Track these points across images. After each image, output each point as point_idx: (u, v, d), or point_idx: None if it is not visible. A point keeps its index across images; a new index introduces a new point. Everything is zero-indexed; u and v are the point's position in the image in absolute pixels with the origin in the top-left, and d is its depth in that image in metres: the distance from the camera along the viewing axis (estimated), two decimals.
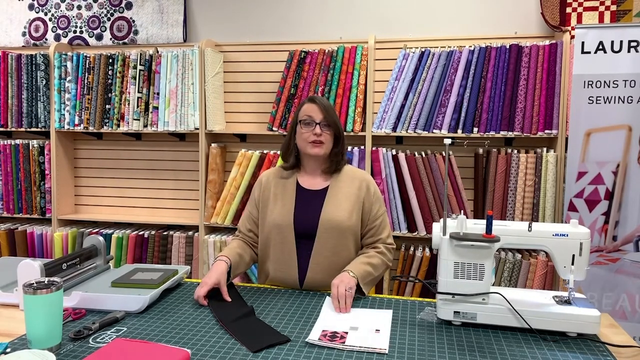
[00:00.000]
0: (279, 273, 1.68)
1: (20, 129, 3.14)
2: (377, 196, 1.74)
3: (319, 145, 1.66)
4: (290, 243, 1.66)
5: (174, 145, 3.19)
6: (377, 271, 1.63)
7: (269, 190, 1.74)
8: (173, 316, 1.37)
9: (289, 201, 1.69)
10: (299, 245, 1.66)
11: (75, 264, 1.58)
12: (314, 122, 1.65)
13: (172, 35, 3.16)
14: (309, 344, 1.18)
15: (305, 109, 1.68)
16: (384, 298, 1.53)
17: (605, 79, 2.39)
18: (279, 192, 1.72)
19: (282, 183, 1.74)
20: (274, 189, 1.74)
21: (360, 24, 2.95)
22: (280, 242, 1.67)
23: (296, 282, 1.66)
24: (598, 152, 2.41)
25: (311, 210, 1.66)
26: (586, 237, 1.30)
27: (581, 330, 1.26)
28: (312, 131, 1.65)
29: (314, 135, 1.65)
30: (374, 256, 1.65)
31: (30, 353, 1.04)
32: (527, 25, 2.77)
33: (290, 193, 1.71)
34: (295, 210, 1.67)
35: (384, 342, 1.21)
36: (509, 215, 2.64)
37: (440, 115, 2.67)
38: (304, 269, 1.65)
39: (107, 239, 3.00)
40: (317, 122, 1.65)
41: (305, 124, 1.67)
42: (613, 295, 2.42)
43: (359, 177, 1.74)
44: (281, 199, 1.71)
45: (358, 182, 1.72)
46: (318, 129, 1.65)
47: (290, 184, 1.73)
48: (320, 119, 1.66)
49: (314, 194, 1.70)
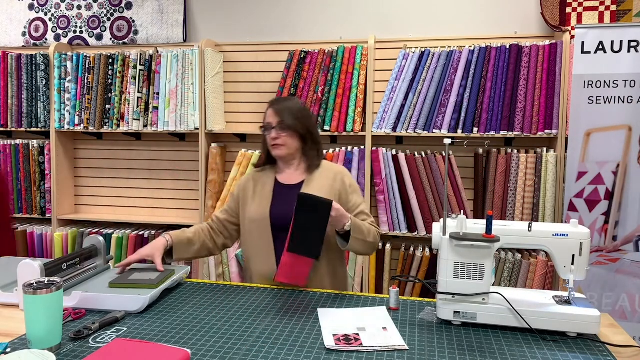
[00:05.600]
0: (259, 267, 1.74)
1: (20, 129, 3.14)
2: (353, 187, 1.80)
3: (279, 147, 1.75)
4: (267, 237, 1.72)
5: (174, 145, 3.19)
6: (365, 236, 1.64)
7: (249, 189, 1.83)
8: (173, 316, 1.37)
9: (266, 196, 1.77)
10: (277, 239, 1.71)
11: (75, 264, 1.58)
12: (271, 126, 1.75)
13: (172, 35, 3.16)
14: (328, 350, 1.17)
15: (266, 114, 1.80)
16: (384, 298, 1.53)
17: (605, 79, 2.39)
18: (258, 189, 1.81)
19: (261, 181, 1.83)
20: (254, 188, 1.83)
21: (360, 24, 2.95)
22: (259, 237, 1.74)
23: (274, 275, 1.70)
24: (598, 152, 2.41)
25: (287, 204, 1.72)
26: (586, 237, 1.30)
27: (581, 330, 1.26)
28: (270, 135, 1.75)
29: (271, 140, 1.75)
30: (367, 223, 1.70)
31: (30, 353, 1.04)
32: (527, 25, 2.77)
33: (268, 189, 1.79)
34: (271, 205, 1.75)
35: (399, 339, 1.22)
36: (509, 215, 2.64)
37: (440, 115, 2.67)
38: None
39: (107, 239, 3.00)
40: (273, 126, 1.74)
41: (265, 129, 1.78)
42: (613, 295, 2.42)
43: (334, 170, 1.81)
44: (259, 196, 1.79)
45: (333, 175, 1.79)
46: (274, 133, 1.74)
47: (269, 181, 1.82)
48: (275, 123, 1.74)
49: (290, 188, 1.78)
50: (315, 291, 1.61)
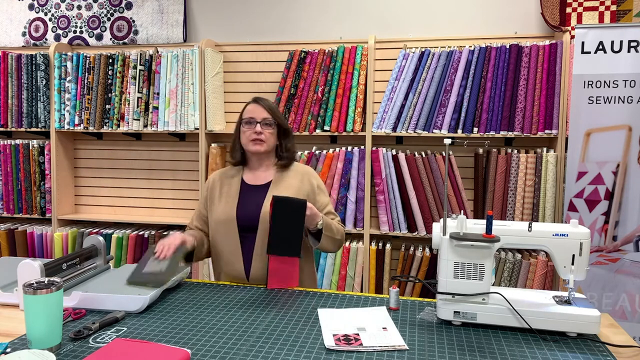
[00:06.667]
0: (227, 267, 1.75)
1: (20, 129, 3.14)
2: (320, 188, 1.83)
3: (260, 143, 1.75)
4: (234, 237, 1.73)
5: (174, 145, 3.19)
6: (334, 234, 1.73)
7: (215, 189, 1.83)
8: (173, 316, 1.37)
9: (233, 197, 1.77)
10: (243, 240, 1.73)
11: (75, 264, 1.58)
12: (255, 121, 1.75)
13: (172, 35, 3.16)
14: (328, 350, 1.17)
15: (248, 109, 1.79)
16: (384, 298, 1.53)
17: (605, 79, 2.39)
18: (225, 190, 1.81)
19: (227, 182, 1.83)
20: (220, 188, 1.82)
21: (360, 24, 2.95)
22: (225, 237, 1.74)
23: (243, 276, 1.72)
24: (598, 152, 2.41)
25: (253, 204, 1.74)
26: (586, 237, 1.30)
27: (581, 330, 1.26)
28: (253, 129, 1.74)
29: (254, 134, 1.74)
30: (335, 222, 1.76)
31: (30, 353, 1.04)
32: (527, 25, 2.77)
33: (235, 189, 1.79)
34: (237, 205, 1.75)
35: (399, 339, 1.22)
36: (509, 215, 2.64)
37: (440, 115, 2.67)
38: (249, 262, 1.71)
39: (107, 239, 3.00)
40: (258, 120, 1.75)
41: (246, 123, 1.77)
42: (613, 295, 2.42)
43: (301, 171, 1.83)
44: (225, 196, 1.79)
45: (300, 176, 1.81)
46: (259, 127, 1.74)
47: (235, 182, 1.81)
48: (261, 117, 1.75)
49: (256, 188, 1.79)
50: (315, 291, 1.61)
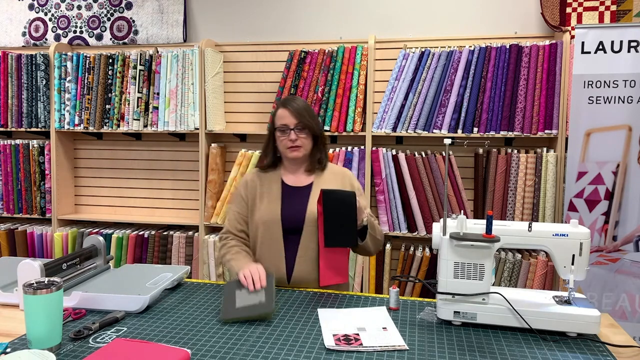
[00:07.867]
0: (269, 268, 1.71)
1: (20, 129, 3.14)
2: (360, 191, 1.82)
3: (297, 149, 1.72)
4: (277, 239, 1.70)
5: (174, 145, 3.19)
6: (377, 233, 1.71)
7: (255, 189, 1.78)
8: (173, 316, 1.37)
9: (275, 198, 1.74)
10: (286, 241, 1.70)
11: (75, 264, 1.58)
12: (288, 128, 1.71)
13: (172, 35, 3.16)
14: (328, 350, 1.17)
15: (279, 115, 1.74)
16: (384, 298, 1.53)
17: (605, 79, 2.39)
18: (265, 190, 1.77)
19: (267, 182, 1.79)
20: (260, 188, 1.78)
21: (360, 24, 2.95)
22: (269, 238, 1.71)
23: (284, 278, 1.70)
24: (598, 152, 2.41)
25: (297, 206, 1.72)
26: (586, 237, 1.30)
27: (581, 330, 1.26)
28: (288, 137, 1.71)
29: (289, 142, 1.71)
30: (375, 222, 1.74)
31: (30, 353, 1.04)
32: (527, 25, 2.77)
33: (276, 190, 1.75)
34: (282, 206, 1.72)
35: (399, 339, 1.22)
36: (509, 215, 2.64)
37: (440, 115, 2.67)
38: (291, 265, 1.69)
39: (107, 239, 3.00)
40: (291, 127, 1.70)
41: (280, 131, 1.73)
42: (613, 295, 2.42)
43: (340, 173, 1.82)
44: (267, 197, 1.75)
45: (340, 177, 1.80)
46: (293, 135, 1.70)
47: (275, 182, 1.77)
48: (293, 124, 1.70)
49: (299, 190, 1.76)
50: (315, 291, 1.61)
